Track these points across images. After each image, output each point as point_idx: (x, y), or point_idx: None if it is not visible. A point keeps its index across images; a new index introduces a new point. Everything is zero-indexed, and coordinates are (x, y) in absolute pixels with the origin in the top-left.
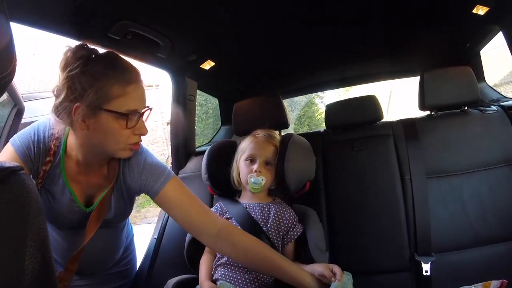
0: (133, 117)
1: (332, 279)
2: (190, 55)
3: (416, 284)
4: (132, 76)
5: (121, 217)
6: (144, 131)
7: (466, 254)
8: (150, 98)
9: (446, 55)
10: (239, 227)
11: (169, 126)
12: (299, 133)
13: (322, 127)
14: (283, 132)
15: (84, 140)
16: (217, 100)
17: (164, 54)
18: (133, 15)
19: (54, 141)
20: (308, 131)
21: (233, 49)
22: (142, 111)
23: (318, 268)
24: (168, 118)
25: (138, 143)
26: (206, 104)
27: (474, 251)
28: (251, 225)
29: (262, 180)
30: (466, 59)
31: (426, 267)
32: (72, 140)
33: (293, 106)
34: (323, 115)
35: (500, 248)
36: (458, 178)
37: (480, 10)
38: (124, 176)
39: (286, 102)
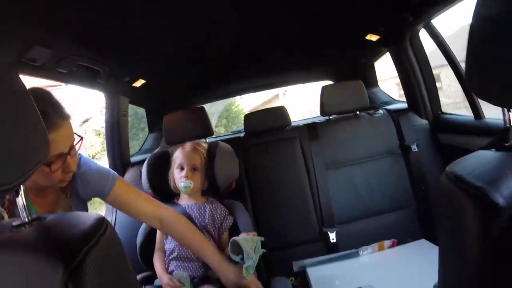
0: (58, 161)
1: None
2: (125, 77)
3: (327, 250)
4: (54, 121)
5: None
6: (71, 169)
7: (362, 223)
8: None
9: (348, 66)
10: None
11: None
12: (221, 135)
13: (240, 118)
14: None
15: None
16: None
17: (103, 80)
18: (80, 50)
19: None
20: (226, 123)
21: (161, 68)
22: (67, 150)
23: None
24: None
25: (69, 177)
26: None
27: (368, 220)
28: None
29: (190, 183)
30: (362, 70)
31: (332, 236)
32: None
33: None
34: (239, 107)
35: (388, 217)
36: (351, 167)
37: (373, 37)
38: (76, 188)
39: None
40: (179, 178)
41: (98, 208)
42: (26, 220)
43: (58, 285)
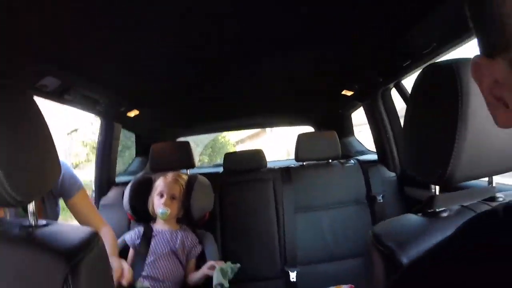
0: None
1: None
2: (121, 107)
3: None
4: None
5: (55, 219)
6: None
7: (324, 266)
8: None
9: (327, 116)
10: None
11: None
12: (203, 167)
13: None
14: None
15: None
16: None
17: (101, 108)
18: (82, 84)
19: None
20: (211, 152)
21: (154, 103)
22: None
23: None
24: None
25: None
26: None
27: (330, 264)
28: (159, 245)
29: (168, 210)
30: (340, 120)
31: (292, 275)
32: None
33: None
34: (225, 138)
35: (349, 263)
36: (320, 212)
37: (348, 93)
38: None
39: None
40: (158, 204)
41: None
42: (33, 223)
43: (61, 277)
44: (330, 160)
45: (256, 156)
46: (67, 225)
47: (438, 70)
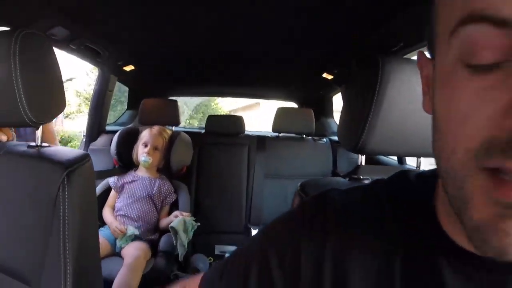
0: None
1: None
2: (118, 61)
3: None
4: None
5: None
6: None
7: None
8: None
9: (309, 96)
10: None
11: None
12: (188, 127)
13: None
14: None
15: None
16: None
17: (102, 60)
18: (88, 35)
19: None
20: (202, 117)
21: (149, 59)
22: None
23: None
24: None
25: None
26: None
27: None
28: (137, 189)
29: (150, 159)
30: (322, 100)
31: (254, 232)
32: None
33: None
34: (218, 105)
35: None
36: (286, 180)
37: (328, 76)
38: None
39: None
40: (141, 153)
41: None
42: (39, 144)
43: (58, 181)
44: (304, 136)
45: (237, 122)
46: (64, 147)
47: (368, 61)
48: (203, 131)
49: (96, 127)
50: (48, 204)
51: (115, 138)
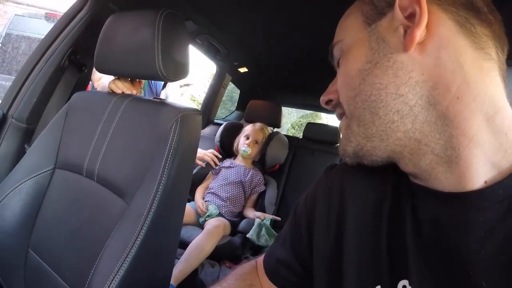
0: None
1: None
2: (234, 61)
3: None
4: None
5: None
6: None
7: None
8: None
9: None
10: (225, 174)
11: None
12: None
13: None
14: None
15: None
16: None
17: (220, 57)
18: (213, 32)
19: None
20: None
21: (263, 65)
22: None
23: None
24: None
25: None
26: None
27: None
28: (232, 174)
29: (249, 150)
30: None
31: None
32: None
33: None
34: (322, 122)
35: None
36: None
37: None
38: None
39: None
40: (242, 143)
41: None
42: (163, 98)
43: (173, 120)
44: None
45: (334, 132)
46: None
47: None
48: (300, 135)
49: (206, 117)
50: (161, 137)
51: (221, 128)
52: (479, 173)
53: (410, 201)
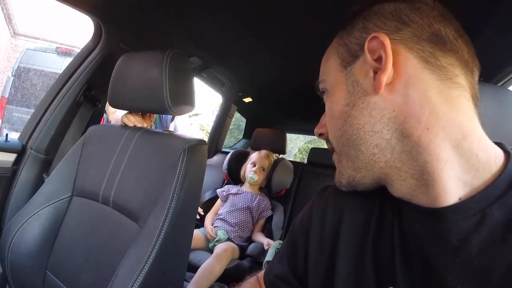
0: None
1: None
2: (239, 92)
3: None
4: None
5: None
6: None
7: None
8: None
9: None
10: (233, 200)
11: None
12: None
13: None
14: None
15: None
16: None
17: (225, 89)
18: (217, 66)
19: None
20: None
21: (266, 95)
22: None
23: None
24: None
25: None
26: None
27: None
28: (240, 201)
29: (256, 177)
30: None
31: None
32: None
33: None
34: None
35: None
36: None
37: None
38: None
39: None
40: (249, 170)
41: None
42: (172, 130)
43: (181, 150)
44: None
45: None
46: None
47: None
48: (305, 161)
49: (214, 146)
50: (170, 165)
51: (228, 156)
52: (454, 192)
53: (397, 215)
